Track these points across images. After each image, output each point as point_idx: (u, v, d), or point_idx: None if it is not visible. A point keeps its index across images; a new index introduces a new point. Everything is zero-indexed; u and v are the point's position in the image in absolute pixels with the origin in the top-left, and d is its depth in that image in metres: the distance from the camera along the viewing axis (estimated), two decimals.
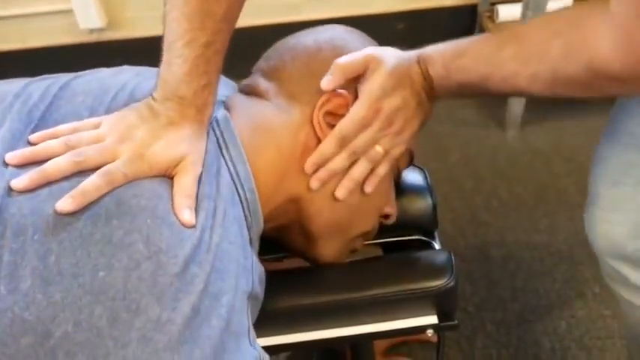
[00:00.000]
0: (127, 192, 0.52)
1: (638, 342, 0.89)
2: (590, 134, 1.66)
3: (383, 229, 0.73)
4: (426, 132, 0.72)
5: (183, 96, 0.57)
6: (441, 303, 0.67)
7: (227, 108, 0.64)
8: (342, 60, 0.64)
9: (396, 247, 0.76)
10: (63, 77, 0.64)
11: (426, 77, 0.65)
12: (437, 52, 0.66)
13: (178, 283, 0.49)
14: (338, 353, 0.93)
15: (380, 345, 1.08)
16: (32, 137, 0.56)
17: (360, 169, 0.65)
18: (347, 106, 0.64)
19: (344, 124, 0.63)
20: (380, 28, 1.95)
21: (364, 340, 0.76)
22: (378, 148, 0.65)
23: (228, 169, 0.58)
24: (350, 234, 0.68)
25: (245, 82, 0.71)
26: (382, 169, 0.67)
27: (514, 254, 1.40)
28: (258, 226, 0.61)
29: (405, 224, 0.75)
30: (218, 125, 0.61)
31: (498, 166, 1.63)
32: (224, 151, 0.59)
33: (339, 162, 0.64)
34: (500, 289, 1.33)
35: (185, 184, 0.54)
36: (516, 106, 1.67)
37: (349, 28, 0.74)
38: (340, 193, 0.65)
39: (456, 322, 0.69)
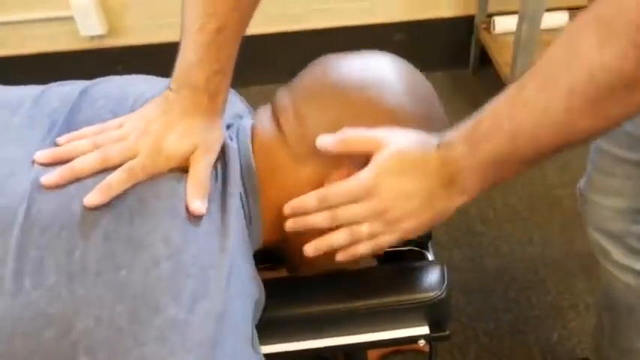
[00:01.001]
0: (149, 191, 0.54)
1: (611, 310, 0.97)
2: (585, 145, 1.68)
3: None
4: None
5: (196, 83, 0.58)
6: (433, 314, 0.68)
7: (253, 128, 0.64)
8: (350, 134, 0.58)
9: (390, 257, 0.77)
10: (79, 84, 0.66)
11: (446, 164, 0.56)
12: (458, 129, 0.57)
13: (196, 285, 0.50)
14: None
15: (373, 354, 1.09)
16: (60, 139, 0.58)
17: (337, 238, 0.59)
18: None
19: (332, 189, 0.58)
20: (379, 38, 1.99)
21: (356, 350, 0.76)
22: (363, 228, 0.58)
23: (244, 185, 0.60)
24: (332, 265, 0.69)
25: (278, 100, 0.66)
26: (362, 249, 0.60)
27: (508, 265, 1.41)
28: (258, 243, 0.63)
29: None
30: (238, 139, 0.62)
31: None
32: (244, 176, 0.60)
33: (317, 220, 0.59)
34: (493, 300, 1.34)
35: (196, 174, 0.56)
36: None
37: (404, 73, 0.66)
38: (309, 249, 0.60)
39: (448, 332, 0.69)
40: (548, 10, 1.56)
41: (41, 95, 0.64)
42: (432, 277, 0.69)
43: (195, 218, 0.53)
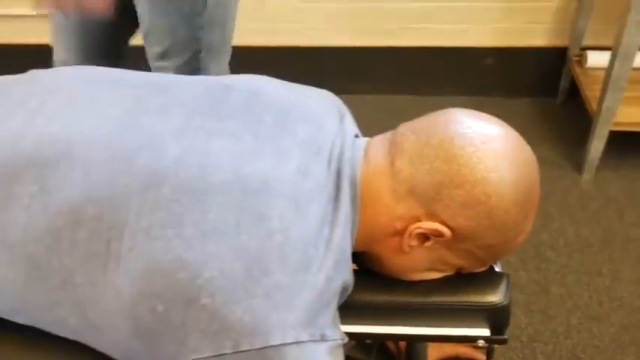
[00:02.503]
0: (274, 174, 0.64)
1: None
2: None
3: None
4: None
5: None
6: (494, 318, 0.75)
7: (365, 151, 0.72)
8: None
9: None
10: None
11: None
12: None
13: (299, 258, 0.61)
14: (394, 357, 1.02)
15: (432, 358, 1.16)
16: None
17: None
18: (443, 238, 0.67)
19: None
20: (468, 61, 2.05)
21: (421, 340, 0.84)
22: None
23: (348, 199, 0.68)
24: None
25: (399, 138, 0.70)
26: None
27: (573, 293, 1.45)
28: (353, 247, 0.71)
29: None
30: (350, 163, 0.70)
31: (569, 207, 1.67)
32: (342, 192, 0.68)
33: None
34: (555, 324, 1.38)
35: None
36: (595, 150, 1.71)
37: (521, 173, 0.67)
38: None
39: (506, 337, 0.76)
40: None
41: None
42: (498, 284, 0.76)
43: (307, 204, 0.63)
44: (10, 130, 0.69)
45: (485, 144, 0.66)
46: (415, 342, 0.86)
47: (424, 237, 0.68)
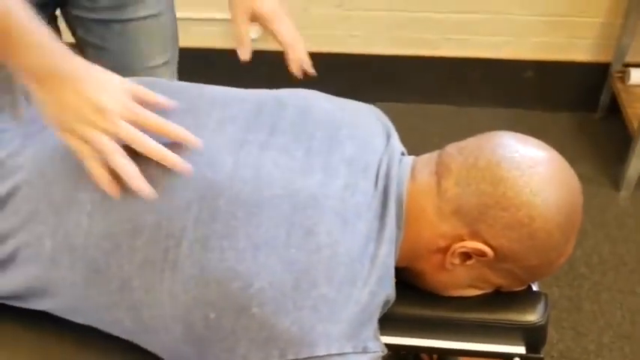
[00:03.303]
0: (322, 190, 0.67)
1: None
2: None
3: None
4: None
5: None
6: (531, 337, 0.77)
7: (412, 169, 0.74)
8: None
9: None
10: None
11: None
12: None
13: (346, 272, 0.64)
14: None
15: None
16: None
17: None
18: (485, 257, 0.69)
19: None
20: (508, 74, 2.06)
21: (457, 355, 0.87)
22: None
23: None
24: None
25: (445, 159, 0.73)
26: None
27: (606, 311, 1.45)
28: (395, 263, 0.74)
29: None
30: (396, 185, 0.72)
31: (605, 224, 1.67)
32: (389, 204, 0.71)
33: None
34: (586, 342, 1.38)
35: None
36: (634, 169, 1.70)
37: (567, 201, 0.70)
38: None
39: (542, 356, 0.78)
40: None
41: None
42: (536, 304, 0.78)
43: (354, 220, 0.66)
44: None
45: (531, 168, 0.68)
46: (450, 356, 0.88)
47: (466, 256, 0.71)
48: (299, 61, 0.91)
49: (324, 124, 0.76)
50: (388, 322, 0.73)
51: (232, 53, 2.17)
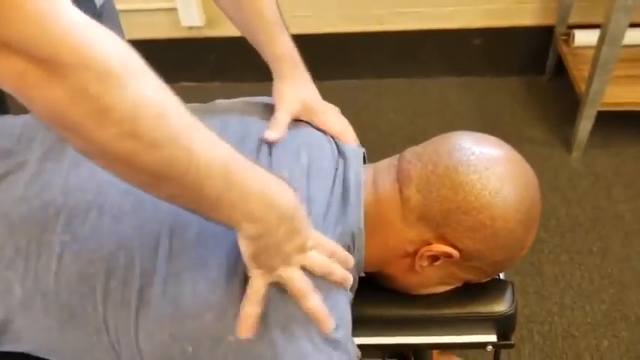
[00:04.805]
0: None
1: None
2: None
3: None
4: None
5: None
6: (501, 326, 0.81)
7: (373, 176, 0.76)
8: None
9: None
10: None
11: None
12: None
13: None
14: (403, 356, 1.08)
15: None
16: None
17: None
18: (452, 258, 0.71)
19: None
20: (457, 43, 2.08)
21: (433, 348, 0.91)
22: None
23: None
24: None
25: (405, 166, 0.74)
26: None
27: (566, 273, 1.52)
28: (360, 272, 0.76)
29: None
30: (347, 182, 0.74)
31: (559, 186, 1.73)
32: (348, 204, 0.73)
33: None
34: (550, 304, 1.45)
35: None
36: (583, 130, 1.76)
37: (527, 197, 0.72)
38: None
39: (513, 342, 0.82)
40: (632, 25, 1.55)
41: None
42: (503, 294, 0.81)
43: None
44: (40, 181, 0.71)
45: (488, 169, 0.70)
46: (426, 349, 0.92)
47: (434, 257, 0.73)
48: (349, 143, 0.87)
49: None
50: (365, 323, 0.76)
51: (179, 42, 2.14)
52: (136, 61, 0.49)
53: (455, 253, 0.71)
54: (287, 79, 0.86)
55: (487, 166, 0.71)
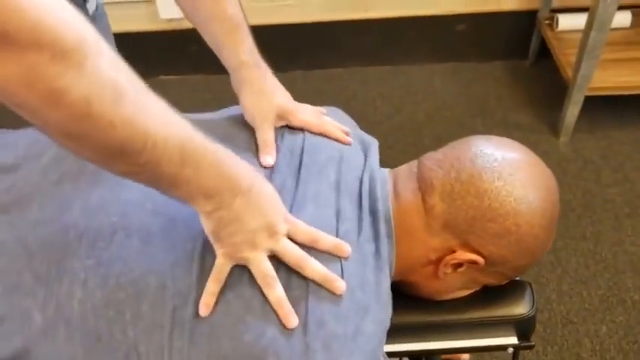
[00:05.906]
0: (315, 221, 0.69)
1: None
2: (638, 145, 1.76)
3: None
4: (478, 134, 0.79)
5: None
6: (522, 327, 0.81)
7: (393, 185, 0.75)
8: None
9: None
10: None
11: None
12: None
13: (350, 305, 0.65)
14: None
15: None
16: None
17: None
18: (476, 265, 0.71)
19: None
20: (442, 29, 2.06)
21: (455, 353, 0.90)
22: None
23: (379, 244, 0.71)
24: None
25: (426, 174, 0.73)
26: None
27: (562, 259, 1.53)
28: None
29: None
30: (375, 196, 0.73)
31: None
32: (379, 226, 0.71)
33: None
34: (548, 292, 1.46)
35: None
36: (571, 115, 1.77)
37: (549, 204, 0.72)
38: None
39: (533, 343, 0.82)
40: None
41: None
42: (523, 296, 0.81)
43: (348, 258, 0.66)
44: (57, 202, 0.68)
45: (512, 176, 0.70)
46: (447, 354, 0.91)
47: (458, 264, 0.72)
48: (334, 135, 0.83)
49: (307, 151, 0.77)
50: (391, 331, 0.75)
51: (158, 35, 2.08)
52: (92, 40, 0.47)
53: (480, 260, 0.70)
54: (256, 90, 0.81)
55: (511, 172, 0.70)
